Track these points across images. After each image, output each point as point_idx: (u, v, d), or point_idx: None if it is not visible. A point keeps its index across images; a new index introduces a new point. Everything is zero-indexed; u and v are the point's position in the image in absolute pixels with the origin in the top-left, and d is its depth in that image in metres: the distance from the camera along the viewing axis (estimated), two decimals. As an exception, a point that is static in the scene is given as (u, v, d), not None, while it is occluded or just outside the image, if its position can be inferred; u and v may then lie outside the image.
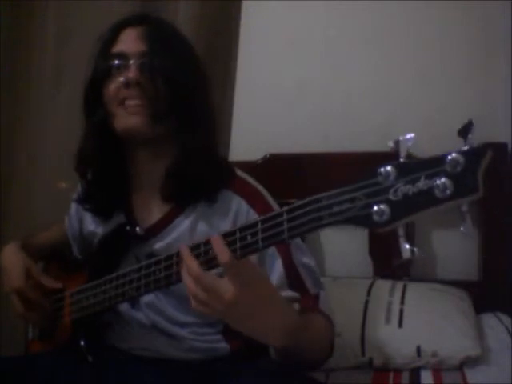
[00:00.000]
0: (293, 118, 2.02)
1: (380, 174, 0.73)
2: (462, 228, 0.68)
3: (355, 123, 1.97)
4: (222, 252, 0.89)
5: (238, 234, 0.90)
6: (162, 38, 1.23)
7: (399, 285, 1.74)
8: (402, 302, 1.65)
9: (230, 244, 0.91)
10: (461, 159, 0.67)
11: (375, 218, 0.72)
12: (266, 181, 1.30)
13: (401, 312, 1.62)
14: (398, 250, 0.73)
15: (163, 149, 1.24)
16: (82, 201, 1.33)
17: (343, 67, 2.00)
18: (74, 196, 1.41)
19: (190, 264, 0.92)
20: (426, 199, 0.69)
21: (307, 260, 1.20)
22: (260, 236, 0.87)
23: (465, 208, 0.68)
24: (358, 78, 1.98)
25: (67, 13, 1.97)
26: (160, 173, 1.23)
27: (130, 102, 1.19)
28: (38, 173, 2.01)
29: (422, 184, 0.69)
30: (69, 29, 1.97)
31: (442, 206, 0.68)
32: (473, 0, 1.85)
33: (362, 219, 0.74)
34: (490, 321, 1.72)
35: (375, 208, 0.72)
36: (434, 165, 0.69)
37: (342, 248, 1.95)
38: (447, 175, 0.67)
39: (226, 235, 0.92)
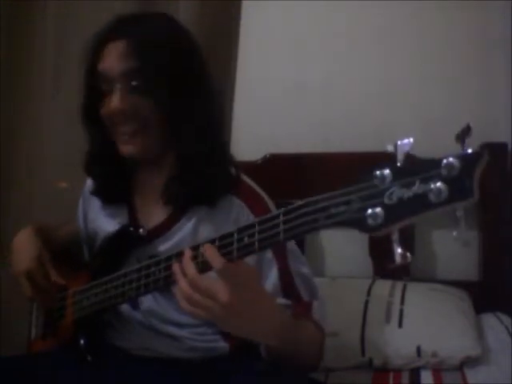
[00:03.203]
0: (293, 118, 2.02)
1: (376, 176, 0.72)
2: (454, 233, 0.68)
3: (355, 123, 1.96)
4: (214, 258, 0.92)
5: (235, 236, 0.91)
6: (147, 52, 1.15)
7: (399, 285, 1.74)
8: (402, 302, 1.65)
9: (227, 246, 0.92)
10: (456, 163, 0.66)
11: (369, 221, 0.72)
12: (265, 181, 1.30)
13: (401, 312, 1.62)
14: (391, 255, 0.73)
15: (163, 159, 1.25)
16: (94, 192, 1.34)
17: (343, 67, 2.00)
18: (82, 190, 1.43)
19: (187, 266, 0.95)
20: (421, 203, 0.68)
21: (303, 269, 1.21)
22: (257, 237, 0.87)
23: (460, 213, 0.67)
24: (358, 78, 1.98)
25: (67, 13, 1.96)
26: (161, 179, 1.24)
27: (121, 129, 1.19)
28: (37, 173, 2.01)
29: (417, 188, 0.68)
30: (69, 29, 1.97)
31: (436, 211, 0.67)
32: (473, 0, 1.85)
33: (356, 222, 0.74)
34: (490, 321, 1.71)
35: (369, 211, 0.72)
36: (430, 169, 0.68)
37: (342, 248, 1.95)
38: (442, 179, 0.67)
39: (224, 237, 0.93)
